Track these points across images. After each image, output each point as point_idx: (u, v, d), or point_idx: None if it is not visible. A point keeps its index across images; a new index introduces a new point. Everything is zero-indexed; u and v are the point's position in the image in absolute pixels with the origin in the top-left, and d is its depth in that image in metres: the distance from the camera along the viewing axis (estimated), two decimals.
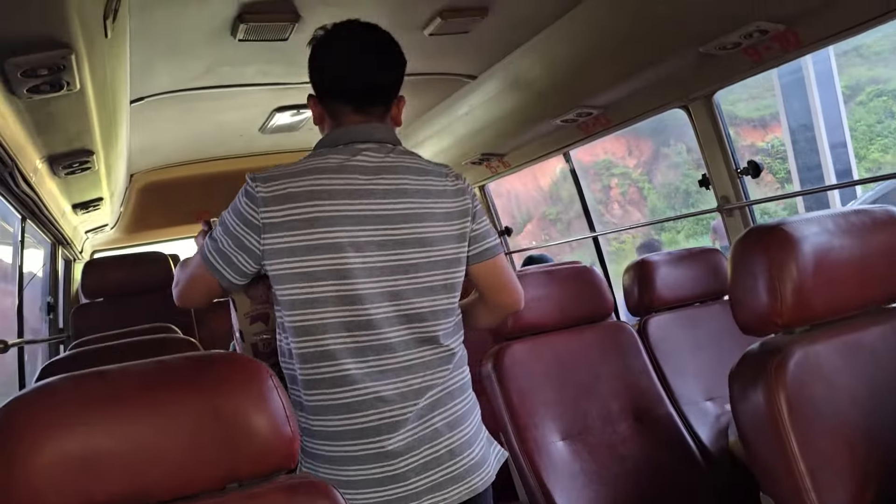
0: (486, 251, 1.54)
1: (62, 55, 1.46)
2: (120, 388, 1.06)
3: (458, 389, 1.50)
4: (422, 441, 1.43)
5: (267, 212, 1.38)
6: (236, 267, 1.43)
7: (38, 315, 3.68)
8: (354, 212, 1.39)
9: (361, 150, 1.43)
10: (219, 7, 2.21)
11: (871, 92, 16.92)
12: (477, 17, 2.56)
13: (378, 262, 1.40)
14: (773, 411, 1.28)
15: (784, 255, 1.33)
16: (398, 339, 1.42)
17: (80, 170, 2.43)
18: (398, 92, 1.53)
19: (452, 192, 1.49)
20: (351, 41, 1.49)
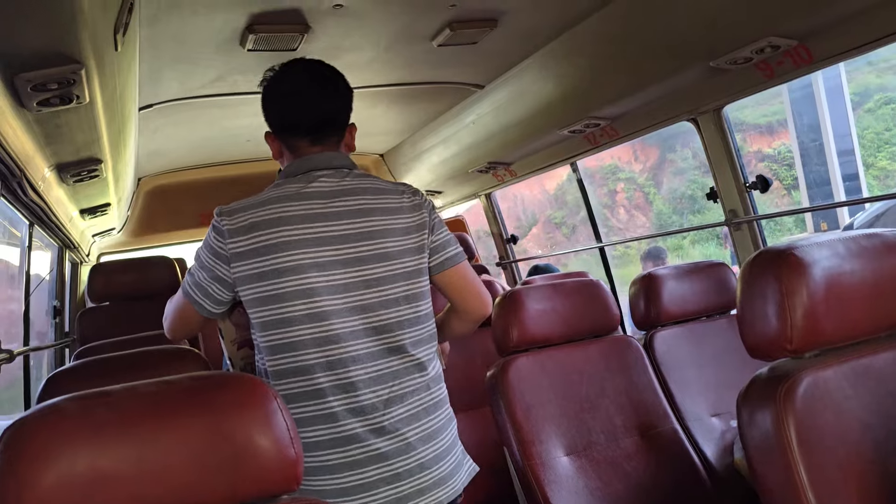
0: (447, 260, 1.62)
1: (72, 70, 1.46)
2: (126, 410, 1.06)
3: (434, 406, 1.57)
4: (395, 453, 1.49)
5: (233, 242, 1.48)
6: (213, 297, 1.54)
7: (44, 318, 3.69)
8: (314, 234, 1.49)
9: (318, 176, 1.54)
10: (228, 17, 2.22)
11: (880, 100, 16.87)
12: (486, 29, 2.55)
13: (342, 279, 1.49)
14: (782, 439, 1.27)
15: (794, 280, 1.31)
16: (366, 350, 1.50)
17: (89, 177, 2.43)
18: (348, 120, 1.64)
19: (409, 207, 1.58)
20: (300, 78, 1.60)
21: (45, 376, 3.48)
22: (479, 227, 5.50)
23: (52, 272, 3.63)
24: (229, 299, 1.55)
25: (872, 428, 1.33)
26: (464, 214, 5.15)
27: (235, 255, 1.48)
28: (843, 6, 1.98)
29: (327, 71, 1.63)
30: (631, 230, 19.97)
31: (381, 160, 4.74)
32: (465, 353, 2.86)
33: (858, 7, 1.97)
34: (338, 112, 1.61)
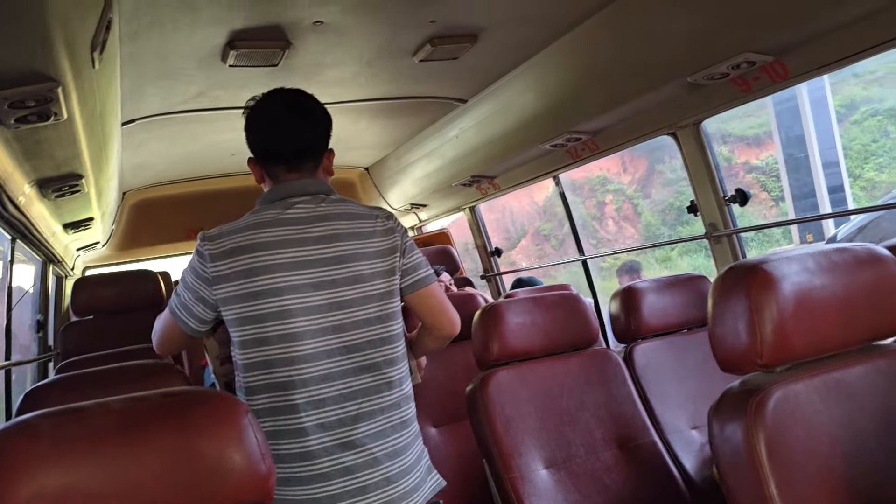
0: (418, 282, 1.71)
1: (49, 88, 1.47)
2: (98, 426, 1.06)
3: (402, 424, 1.64)
4: (360, 467, 1.56)
5: (214, 266, 1.57)
6: (197, 316, 1.62)
7: (28, 332, 3.67)
8: (290, 259, 1.57)
9: (294, 203, 1.62)
10: (209, 34, 2.23)
11: (866, 111, 17.06)
12: (466, 44, 2.58)
13: (315, 301, 1.57)
14: (752, 453, 1.28)
15: (764, 295, 1.33)
16: (337, 369, 1.58)
17: (70, 193, 2.43)
18: (326, 147, 1.72)
19: (382, 231, 1.66)
20: (278, 109, 1.68)
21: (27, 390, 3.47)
22: (465, 239, 5.51)
23: (35, 286, 3.62)
24: (212, 319, 1.63)
25: (842, 442, 1.35)
26: (450, 227, 5.17)
27: (217, 277, 1.57)
28: (818, 23, 2.02)
29: (306, 100, 1.70)
30: (620, 241, 20.05)
31: (366, 174, 4.76)
32: (446, 366, 2.87)
33: (832, 24, 2.00)
34: (314, 141, 1.69)
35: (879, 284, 1.42)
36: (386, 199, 4.82)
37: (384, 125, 3.70)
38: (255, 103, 1.71)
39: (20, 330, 3.48)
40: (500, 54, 2.78)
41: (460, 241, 5.51)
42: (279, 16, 2.18)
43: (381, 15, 2.27)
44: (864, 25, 1.94)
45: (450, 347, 2.87)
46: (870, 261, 1.44)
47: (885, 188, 14.88)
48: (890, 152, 16.03)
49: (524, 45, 2.69)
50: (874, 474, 1.34)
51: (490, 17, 2.41)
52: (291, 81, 2.78)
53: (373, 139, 3.98)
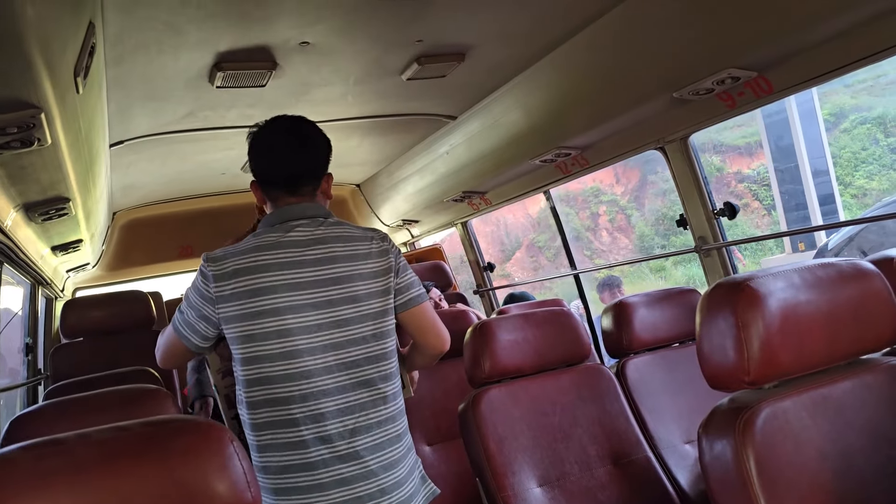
0: (410, 301, 1.79)
1: (32, 114, 1.47)
2: (78, 458, 1.04)
3: (397, 437, 1.72)
4: (356, 478, 1.64)
5: (217, 287, 1.64)
6: (199, 333, 1.70)
7: (17, 356, 3.64)
8: (290, 280, 1.65)
9: (294, 226, 1.70)
10: (195, 56, 2.23)
11: (856, 120, 17.18)
12: (454, 63, 2.59)
13: (314, 320, 1.65)
14: (742, 470, 1.27)
15: (750, 312, 1.33)
16: (335, 384, 1.66)
17: (58, 216, 2.42)
18: (325, 171, 1.80)
19: (377, 253, 1.74)
20: (278, 136, 1.75)
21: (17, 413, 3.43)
22: (460, 253, 5.51)
23: (23, 309, 3.59)
24: (214, 336, 1.71)
25: (831, 458, 1.34)
26: (443, 242, 5.17)
27: (220, 297, 1.65)
28: (800, 39, 2.03)
29: (305, 127, 1.77)
30: (614, 252, 20.08)
31: (358, 190, 4.76)
32: (440, 383, 2.86)
33: (814, 39, 2.02)
34: (312, 166, 1.76)
35: (864, 299, 1.42)
36: (378, 216, 4.82)
37: (375, 142, 3.70)
38: (257, 130, 1.78)
39: (9, 354, 3.46)
40: (488, 72, 2.79)
41: (455, 255, 5.51)
42: (265, 37, 2.19)
43: (366, 35, 2.28)
44: (846, 40, 1.96)
45: (443, 365, 2.88)
46: (854, 276, 1.44)
47: (875, 195, 14.96)
48: (880, 160, 16.13)
49: (511, 62, 2.71)
50: (863, 489, 1.34)
51: (476, 36, 2.42)
52: (279, 101, 2.81)
53: (364, 156, 3.99)
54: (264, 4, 1.96)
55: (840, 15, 1.88)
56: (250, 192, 1.82)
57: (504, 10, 2.25)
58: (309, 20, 2.10)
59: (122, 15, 1.85)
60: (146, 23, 1.93)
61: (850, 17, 1.88)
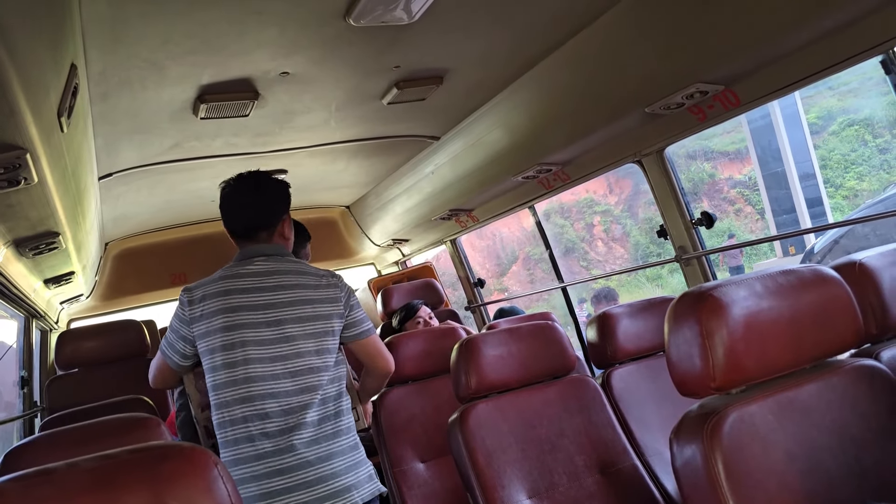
0: (360, 334, 2.17)
1: (17, 155, 1.52)
2: (68, 487, 1.08)
3: (335, 433, 2.03)
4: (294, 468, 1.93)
5: (191, 309, 2.02)
6: (179, 352, 2.07)
7: (12, 389, 3.67)
8: (248, 302, 2.00)
9: (254, 260, 2.07)
10: (178, 90, 2.29)
11: (843, 122, 17.33)
12: (432, 86, 2.65)
13: (266, 335, 1.99)
14: (711, 474, 1.32)
15: (714, 320, 1.38)
16: (282, 389, 1.97)
17: (48, 250, 2.47)
18: (280, 216, 2.12)
19: (325, 286, 2.09)
20: (234, 193, 2.13)
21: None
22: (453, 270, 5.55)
23: (18, 342, 3.63)
24: (192, 354, 2.06)
25: (799, 459, 1.39)
26: (435, 259, 5.21)
27: (192, 318, 2.02)
28: (763, 52, 2.10)
29: (256, 182, 2.13)
30: (610, 262, 20.14)
31: (348, 212, 4.82)
32: (431, 401, 2.89)
33: (777, 53, 2.09)
34: (263, 216, 2.10)
35: (826, 304, 1.47)
36: (368, 236, 4.88)
37: (361, 165, 3.76)
38: (224, 187, 2.16)
39: (4, 387, 3.48)
40: (467, 93, 2.85)
41: (450, 271, 5.55)
42: (245, 69, 2.25)
43: (345, 64, 2.34)
44: (806, 53, 2.03)
45: (434, 381, 2.93)
46: (815, 281, 1.49)
47: (866, 196, 15.07)
48: (869, 161, 16.26)
49: (489, 83, 2.77)
50: (831, 489, 1.38)
51: (452, 59, 2.48)
52: (263, 129, 2.87)
53: (351, 178, 4.05)
54: (243, 38, 2.02)
55: (799, 29, 1.95)
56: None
57: (478, 33, 2.32)
58: (287, 51, 2.17)
59: (105, 54, 1.91)
60: (128, 61, 2.00)
61: (808, 31, 1.95)
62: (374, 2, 1.93)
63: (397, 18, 2.05)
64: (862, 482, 1.41)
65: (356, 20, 1.99)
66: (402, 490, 2.73)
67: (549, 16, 2.27)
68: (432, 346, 2.95)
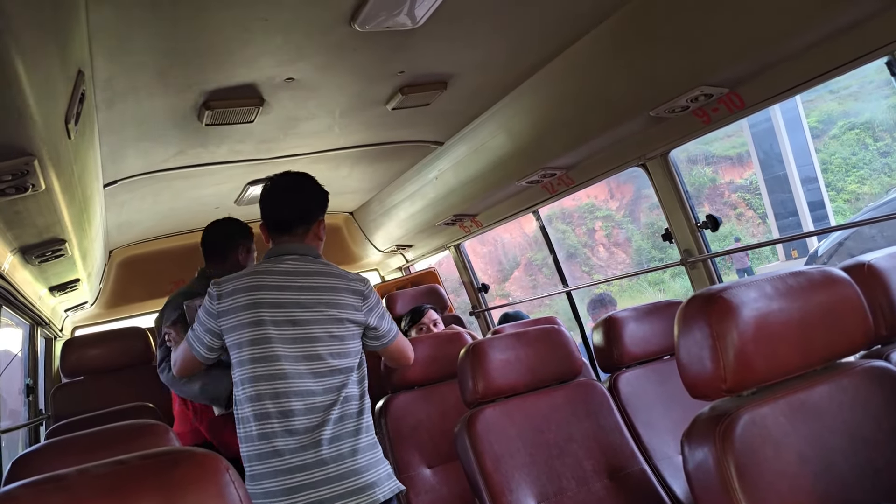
0: (385, 344, 2.28)
1: (25, 162, 1.52)
2: (80, 494, 1.08)
3: (356, 430, 2.07)
4: (326, 481, 1.98)
5: (219, 303, 2.07)
6: (206, 345, 2.13)
7: (17, 397, 3.66)
8: (275, 300, 2.05)
9: (285, 258, 2.12)
10: (183, 97, 2.30)
11: (844, 125, 17.34)
12: (437, 91, 2.66)
13: (291, 334, 2.04)
14: (724, 477, 1.31)
15: (724, 323, 1.37)
16: (305, 388, 2.02)
17: (54, 257, 2.47)
18: (317, 217, 2.20)
19: (350, 291, 2.13)
20: (278, 187, 2.20)
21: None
22: (457, 275, 5.55)
23: (23, 350, 3.62)
24: (218, 347, 2.12)
25: (811, 461, 1.38)
26: (439, 264, 5.21)
27: (221, 312, 2.07)
28: (768, 55, 2.10)
29: (300, 181, 2.20)
30: (612, 267, 20.12)
31: (351, 218, 4.82)
32: (438, 406, 2.89)
33: (780, 55, 2.09)
34: (304, 213, 2.16)
35: (835, 305, 1.47)
36: (372, 242, 4.88)
37: (365, 171, 3.76)
38: (267, 182, 2.22)
39: (9, 395, 3.48)
40: (471, 98, 2.86)
41: (453, 277, 5.54)
42: (251, 76, 2.26)
43: (349, 70, 2.35)
44: (810, 56, 2.03)
45: (440, 387, 2.93)
46: (824, 283, 1.49)
47: (867, 199, 15.06)
48: (870, 164, 16.26)
49: (493, 88, 2.78)
50: (844, 490, 1.37)
51: (457, 65, 2.49)
52: (267, 135, 2.87)
53: (355, 184, 4.05)
54: (249, 45, 2.03)
55: (803, 32, 1.95)
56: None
57: (482, 39, 2.32)
58: (292, 58, 2.17)
59: (111, 62, 1.91)
60: (134, 68, 2.00)
61: (813, 33, 1.95)
62: (378, 7, 1.93)
63: (402, 24, 2.05)
64: (875, 483, 1.41)
65: (361, 25, 2.00)
66: (409, 496, 2.72)
67: (553, 21, 2.28)
68: (438, 352, 2.94)
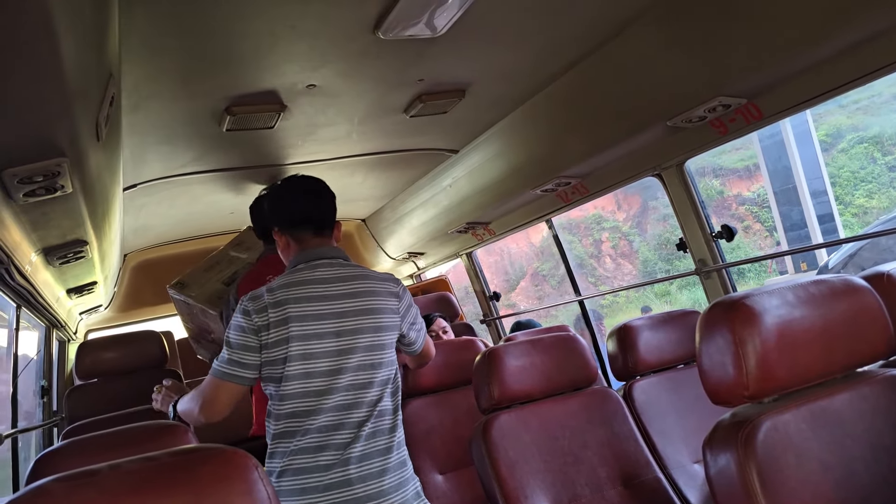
0: (418, 349, 2.23)
1: (57, 163, 1.55)
2: (112, 488, 1.10)
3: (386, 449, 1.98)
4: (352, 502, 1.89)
5: (258, 318, 1.90)
6: (249, 366, 1.92)
7: (31, 398, 3.69)
8: (315, 312, 1.93)
9: (318, 266, 2.00)
10: (207, 101, 2.33)
11: (853, 139, 17.31)
12: (455, 99, 2.68)
13: (334, 346, 1.93)
14: (746, 483, 1.32)
15: (746, 329, 1.38)
16: (346, 402, 1.93)
17: (75, 259, 2.50)
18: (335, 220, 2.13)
19: (387, 294, 2.05)
20: (299, 189, 2.10)
21: (32, 457, 3.47)
22: (466, 283, 5.57)
23: (39, 352, 3.65)
24: (258, 364, 1.92)
25: (833, 469, 1.39)
26: (449, 272, 5.23)
27: (260, 327, 1.91)
28: (785, 67, 2.12)
29: (320, 183, 2.13)
30: (619, 278, 20.07)
31: (364, 225, 4.84)
32: (450, 412, 2.90)
33: (800, 67, 2.11)
34: (331, 214, 2.09)
35: (857, 314, 1.48)
36: (384, 249, 4.90)
37: (379, 178, 3.79)
38: (279, 184, 2.13)
39: (24, 396, 3.50)
40: (488, 107, 2.88)
41: (460, 285, 5.56)
42: (273, 82, 2.28)
43: (370, 77, 2.37)
44: (829, 67, 2.05)
45: (453, 393, 2.94)
46: (846, 291, 1.50)
47: (876, 213, 15.02)
48: (878, 178, 16.22)
49: (510, 97, 2.80)
50: (865, 499, 1.38)
51: (476, 73, 2.51)
52: (286, 141, 2.90)
53: (368, 192, 4.07)
54: (274, 51, 2.05)
55: (821, 43, 1.97)
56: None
57: (502, 48, 2.34)
58: (316, 64, 2.20)
59: (139, 66, 1.94)
60: (161, 72, 2.03)
61: (833, 44, 1.97)
62: (402, 16, 1.96)
63: (424, 33, 2.08)
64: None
65: (385, 33, 2.02)
66: None
67: (572, 31, 2.30)
68: (451, 358, 2.96)
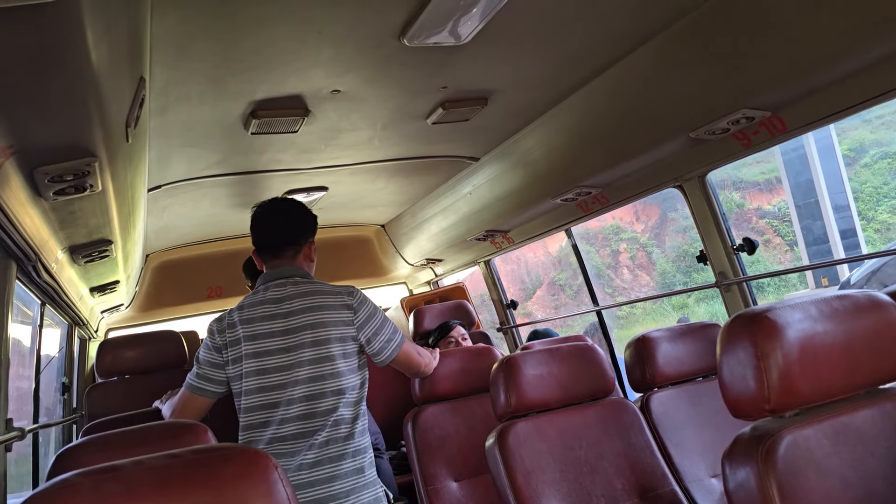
0: (392, 352, 2.30)
1: (87, 162, 1.57)
2: (134, 484, 1.12)
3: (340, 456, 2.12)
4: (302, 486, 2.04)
5: (221, 337, 2.19)
6: (214, 381, 2.19)
7: (52, 395, 3.73)
8: (266, 330, 2.15)
9: (271, 286, 2.21)
10: (233, 105, 2.36)
11: (876, 154, 17.13)
12: (477, 107, 2.69)
13: (285, 361, 2.13)
14: (766, 497, 1.31)
15: (769, 342, 1.38)
16: (297, 413, 2.09)
17: (99, 258, 2.53)
18: (306, 238, 2.30)
19: (339, 307, 2.19)
20: (266, 211, 2.30)
21: (51, 452, 3.51)
22: (483, 291, 5.57)
23: (61, 350, 3.70)
24: (226, 380, 2.19)
25: (853, 485, 1.38)
26: (466, 280, 5.23)
27: (224, 345, 2.18)
28: (810, 80, 2.11)
29: (286, 206, 2.32)
30: (636, 289, 19.97)
31: (383, 230, 4.86)
32: (466, 420, 2.90)
33: (825, 80, 2.09)
34: (291, 235, 2.26)
35: (880, 330, 1.47)
36: (402, 255, 4.91)
37: (399, 184, 3.81)
38: (256, 208, 2.31)
39: (44, 392, 3.55)
40: (510, 115, 2.89)
41: (476, 293, 5.55)
42: (299, 86, 2.31)
43: (394, 83, 2.39)
44: (855, 81, 2.03)
45: (469, 401, 2.94)
46: (870, 307, 1.49)
47: None
48: None
49: (532, 106, 2.81)
50: None
51: (499, 81, 2.52)
52: (309, 146, 2.93)
53: (388, 197, 4.09)
54: (300, 56, 2.07)
55: (847, 58, 1.96)
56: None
57: (525, 57, 2.35)
58: (341, 70, 2.22)
59: (169, 69, 1.97)
60: (190, 76, 2.06)
61: (857, 59, 1.96)
62: (427, 24, 1.97)
63: (448, 40, 2.10)
64: None
65: (410, 41, 2.04)
66: None
67: (596, 41, 2.30)
68: (468, 366, 2.96)
